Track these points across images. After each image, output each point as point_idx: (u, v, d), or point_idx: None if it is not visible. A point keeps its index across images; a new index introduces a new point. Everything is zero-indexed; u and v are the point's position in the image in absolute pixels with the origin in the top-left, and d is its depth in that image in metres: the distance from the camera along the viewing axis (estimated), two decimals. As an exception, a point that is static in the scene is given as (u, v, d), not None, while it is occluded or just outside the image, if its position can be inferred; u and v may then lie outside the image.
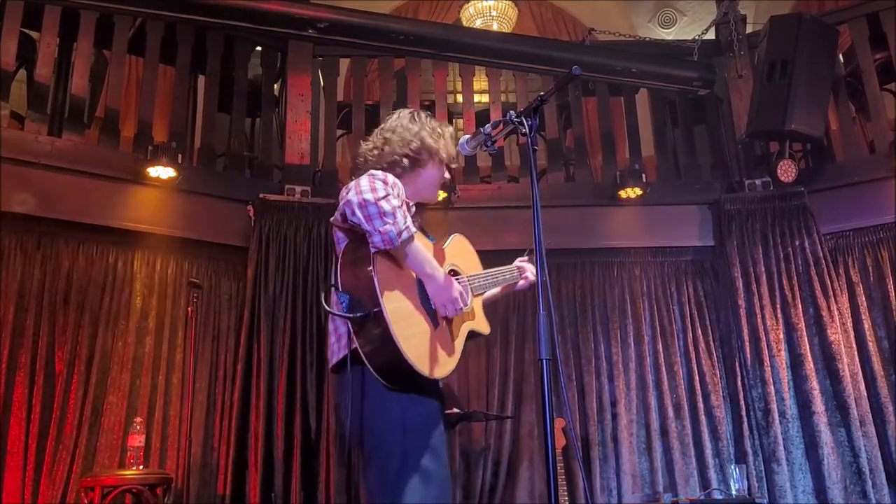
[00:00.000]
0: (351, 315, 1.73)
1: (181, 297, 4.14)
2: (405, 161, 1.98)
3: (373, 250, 1.76)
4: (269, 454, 3.96)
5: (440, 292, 1.83)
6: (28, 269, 3.79)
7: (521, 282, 2.27)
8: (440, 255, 1.97)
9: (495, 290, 2.25)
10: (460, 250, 2.09)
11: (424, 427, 1.82)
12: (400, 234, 1.74)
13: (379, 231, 1.72)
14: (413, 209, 1.99)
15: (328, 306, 1.81)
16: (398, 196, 1.81)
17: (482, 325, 2.09)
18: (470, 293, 2.02)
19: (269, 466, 3.94)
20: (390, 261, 1.80)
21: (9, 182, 3.74)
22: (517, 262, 2.31)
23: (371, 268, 1.73)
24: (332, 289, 1.81)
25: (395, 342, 1.69)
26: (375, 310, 1.70)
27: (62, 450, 3.66)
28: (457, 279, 1.97)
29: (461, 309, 1.88)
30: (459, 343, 1.94)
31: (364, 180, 1.79)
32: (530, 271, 2.28)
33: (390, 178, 1.85)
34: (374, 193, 1.74)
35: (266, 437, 3.96)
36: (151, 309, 4.06)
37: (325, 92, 5.02)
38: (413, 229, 1.79)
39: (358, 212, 1.73)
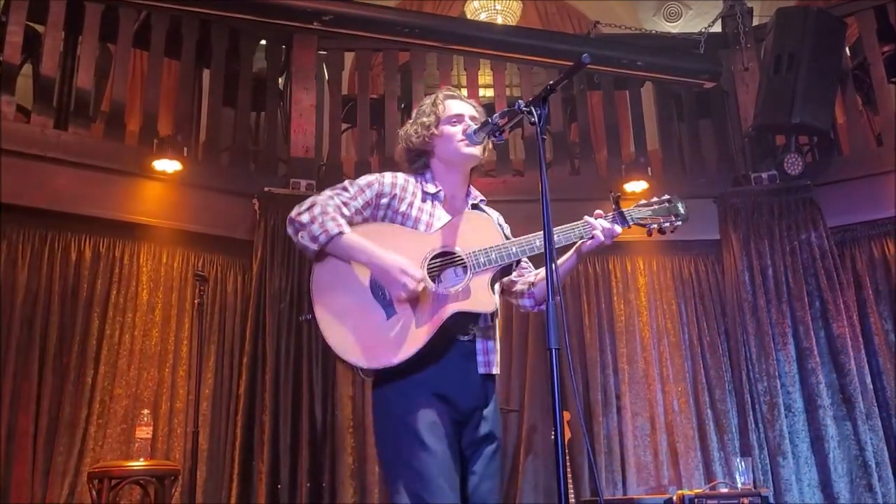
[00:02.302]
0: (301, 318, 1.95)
1: (187, 290, 4.16)
2: (416, 155, 2.06)
3: (311, 258, 1.92)
4: (276, 446, 3.97)
5: (381, 276, 1.85)
6: (35, 263, 3.81)
7: (589, 241, 2.05)
8: (451, 233, 1.94)
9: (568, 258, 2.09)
10: (473, 225, 1.97)
11: (406, 416, 1.80)
12: (315, 239, 1.85)
13: (299, 241, 1.89)
14: (441, 193, 1.99)
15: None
16: (343, 204, 1.91)
17: (478, 304, 1.86)
18: (469, 271, 1.88)
19: (276, 458, 3.96)
20: (336, 262, 1.90)
21: (15, 176, 3.75)
22: (586, 218, 2.06)
23: (310, 277, 1.91)
24: None
25: (325, 339, 1.85)
26: (309, 316, 1.89)
27: (70, 442, 3.68)
28: (438, 261, 1.90)
29: (406, 287, 1.79)
30: (432, 325, 1.82)
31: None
32: (598, 229, 2.04)
33: (362, 180, 1.97)
34: (298, 209, 1.92)
35: (272, 430, 3.98)
36: (158, 302, 4.08)
37: (330, 85, 5.02)
38: (334, 231, 1.84)
39: (288, 229, 1.93)
